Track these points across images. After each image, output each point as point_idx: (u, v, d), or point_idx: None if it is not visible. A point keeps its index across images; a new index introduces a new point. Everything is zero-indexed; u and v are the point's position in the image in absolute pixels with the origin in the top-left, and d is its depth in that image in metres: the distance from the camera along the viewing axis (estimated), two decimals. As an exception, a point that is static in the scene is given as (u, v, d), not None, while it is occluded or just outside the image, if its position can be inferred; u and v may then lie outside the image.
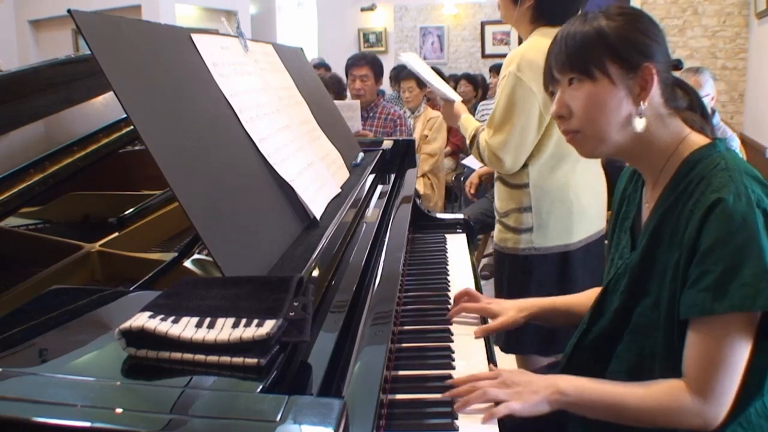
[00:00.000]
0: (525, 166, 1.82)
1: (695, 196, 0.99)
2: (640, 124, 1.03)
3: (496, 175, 1.94)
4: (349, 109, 3.12)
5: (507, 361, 2.01)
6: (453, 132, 5.00)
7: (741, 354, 0.93)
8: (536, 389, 1.02)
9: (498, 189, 1.93)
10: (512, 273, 1.91)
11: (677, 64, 1.12)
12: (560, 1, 1.78)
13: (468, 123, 1.96)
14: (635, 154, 1.09)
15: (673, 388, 0.98)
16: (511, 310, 1.32)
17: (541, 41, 1.74)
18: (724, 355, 0.93)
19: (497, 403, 1.00)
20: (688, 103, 1.10)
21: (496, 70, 5.57)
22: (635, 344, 1.08)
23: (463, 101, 2.18)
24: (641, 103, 1.03)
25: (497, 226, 1.95)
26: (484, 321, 1.34)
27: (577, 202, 1.83)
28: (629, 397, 1.00)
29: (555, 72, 1.09)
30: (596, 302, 1.19)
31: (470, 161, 4.16)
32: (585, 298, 1.35)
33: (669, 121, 1.06)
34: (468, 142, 1.93)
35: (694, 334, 0.96)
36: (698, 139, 1.05)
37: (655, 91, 1.04)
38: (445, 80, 2.86)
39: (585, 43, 1.05)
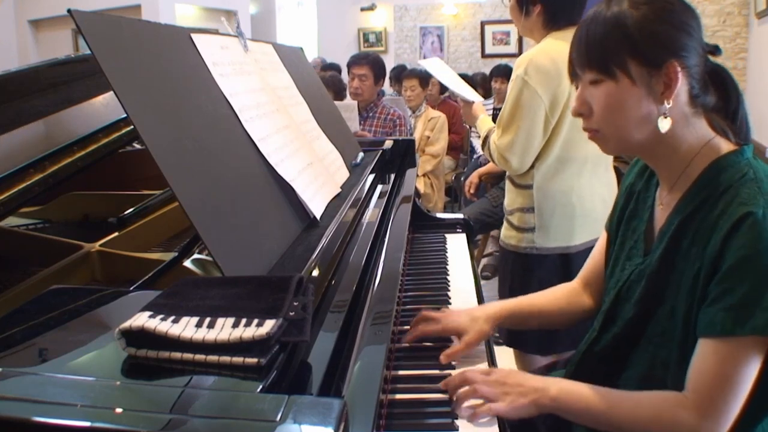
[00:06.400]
0: (532, 167, 1.87)
1: (720, 206, 0.94)
2: (664, 124, 0.98)
3: (507, 173, 2.00)
4: (347, 110, 3.12)
5: (507, 354, 2.03)
6: (453, 132, 4.99)
7: (750, 376, 0.90)
8: (525, 392, 0.99)
9: (507, 188, 2.00)
10: (515, 270, 1.97)
11: (713, 51, 1.02)
12: (566, 3, 1.81)
13: (483, 124, 2.02)
14: (655, 154, 1.05)
15: (670, 400, 0.95)
16: (476, 322, 1.19)
17: (550, 45, 1.80)
18: (735, 375, 0.89)
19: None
20: (717, 101, 1.03)
21: (498, 74, 5.34)
22: (648, 353, 1.05)
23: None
24: (665, 102, 0.97)
25: (504, 223, 2.01)
26: None
27: (580, 206, 1.87)
28: (622, 405, 0.97)
29: (576, 68, 1.04)
30: (608, 309, 1.14)
31: None
32: (551, 296, 1.31)
33: (693, 121, 1.00)
34: (480, 142, 2.01)
35: (707, 350, 0.92)
36: (723, 145, 1.00)
37: (682, 88, 0.98)
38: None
39: (605, 37, 0.98)
